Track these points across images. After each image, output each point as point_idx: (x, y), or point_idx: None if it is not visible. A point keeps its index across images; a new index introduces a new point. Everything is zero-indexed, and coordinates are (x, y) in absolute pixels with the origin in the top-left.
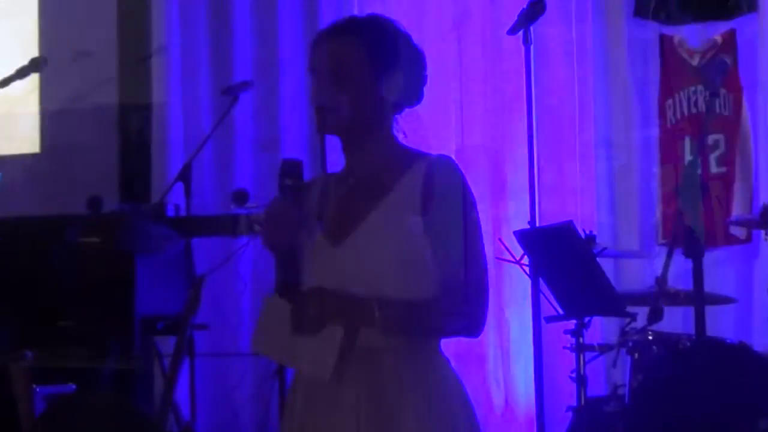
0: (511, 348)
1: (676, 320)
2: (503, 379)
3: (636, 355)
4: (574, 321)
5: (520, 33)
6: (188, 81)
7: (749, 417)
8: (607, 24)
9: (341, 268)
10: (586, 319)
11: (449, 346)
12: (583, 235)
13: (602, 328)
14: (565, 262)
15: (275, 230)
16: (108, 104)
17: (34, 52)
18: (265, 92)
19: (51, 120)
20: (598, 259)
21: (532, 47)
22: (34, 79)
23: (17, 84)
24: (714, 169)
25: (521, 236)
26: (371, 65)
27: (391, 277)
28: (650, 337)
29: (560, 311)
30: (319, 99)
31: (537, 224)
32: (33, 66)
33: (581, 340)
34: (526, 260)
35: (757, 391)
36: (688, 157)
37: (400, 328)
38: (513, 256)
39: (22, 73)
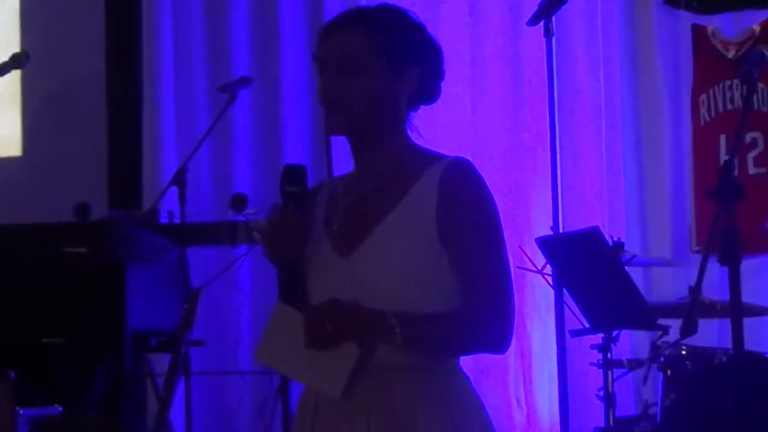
0: (534, 364)
1: (711, 333)
2: (525, 397)
3: (668, 372)
4: (601, 335)
5: (541, 24)
6: (182, 77)
7: None
8: (635, 14)
9: (350, 281)
10: (614, 333)
11: (464, 362)
12: (610, 242)
13: (632, 343)
14: (590, 271)
15: (277, 241)
16: (95, 103)
17: (15, 47)
18: (266, 89)
19: (34, 121)
20: (626, 267)
21: (553, 39)
22: (15, 76)
23: None
24: (752, 169)
25: (543, 243)
26: (383, 59)
27: (405, 291)
28: (684, 352)
29: (586, 324)
30: (326, 96)
31: (560, 230)
32: (14, 62)
33: (609, 355)
34: (548, 269)
35: None
36: (723, 157)
37: (421, 344)
38: (534, 265)
39: (1, 70)
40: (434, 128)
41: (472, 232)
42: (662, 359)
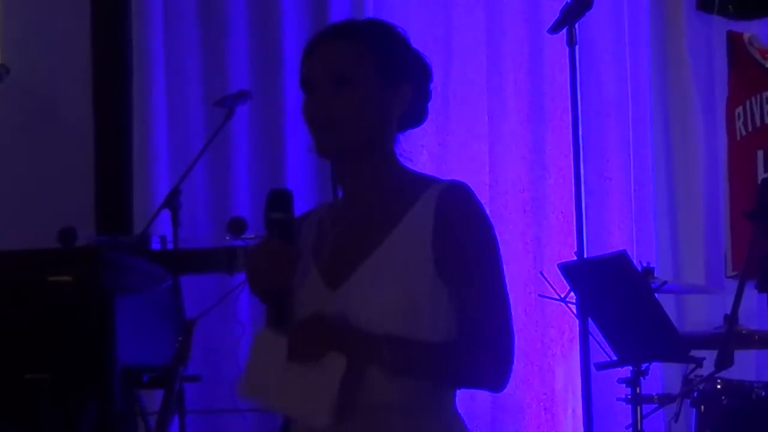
0: (556, 400)
1: (749, 366)
2: None
3: (702, 408)
4: (630, 368)
5: (563, 32)
6: (175, 91)
7: None
8: (665, 20)
9: (340, 315)
10: (644, 366)
11: (482, 396)
12: (639, 267)
13: (662, 376)
14: (618, 298)
15: (261, 272)
16: (81, 119)
17: None
18: (266, 103)
19: (15, 139)
20: (657, 294)
21: (577, 48)
22: None
23: None
24: None
25: (566, 270)
26: (378, 71)
27: (397, 326)
28: (719, 386)
29: (613, 357)
30: (317, 114)
31: (585, 255)
32: None
33: (638, 390)
34: (572, 297)
35: None
36: (761, 174)
37: (411, 370)
38: (557, 293)
39: None
40: (448, 147)
41: (470, 262)
42: (695, 394)
